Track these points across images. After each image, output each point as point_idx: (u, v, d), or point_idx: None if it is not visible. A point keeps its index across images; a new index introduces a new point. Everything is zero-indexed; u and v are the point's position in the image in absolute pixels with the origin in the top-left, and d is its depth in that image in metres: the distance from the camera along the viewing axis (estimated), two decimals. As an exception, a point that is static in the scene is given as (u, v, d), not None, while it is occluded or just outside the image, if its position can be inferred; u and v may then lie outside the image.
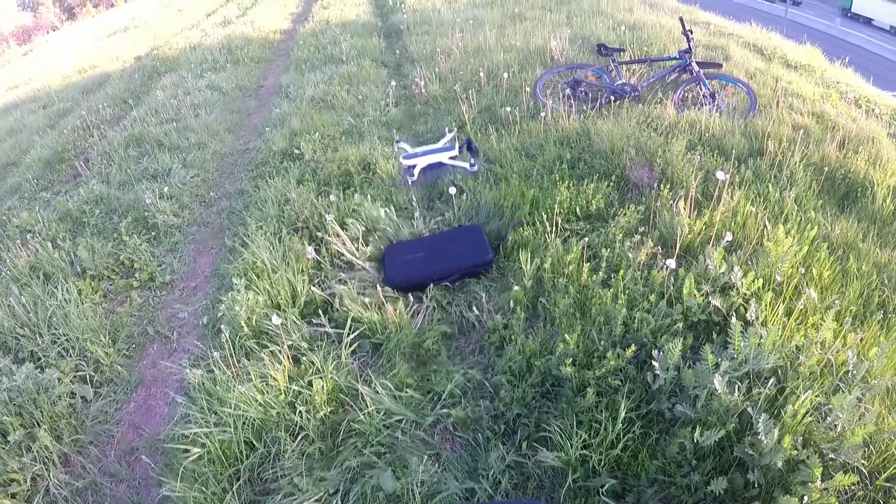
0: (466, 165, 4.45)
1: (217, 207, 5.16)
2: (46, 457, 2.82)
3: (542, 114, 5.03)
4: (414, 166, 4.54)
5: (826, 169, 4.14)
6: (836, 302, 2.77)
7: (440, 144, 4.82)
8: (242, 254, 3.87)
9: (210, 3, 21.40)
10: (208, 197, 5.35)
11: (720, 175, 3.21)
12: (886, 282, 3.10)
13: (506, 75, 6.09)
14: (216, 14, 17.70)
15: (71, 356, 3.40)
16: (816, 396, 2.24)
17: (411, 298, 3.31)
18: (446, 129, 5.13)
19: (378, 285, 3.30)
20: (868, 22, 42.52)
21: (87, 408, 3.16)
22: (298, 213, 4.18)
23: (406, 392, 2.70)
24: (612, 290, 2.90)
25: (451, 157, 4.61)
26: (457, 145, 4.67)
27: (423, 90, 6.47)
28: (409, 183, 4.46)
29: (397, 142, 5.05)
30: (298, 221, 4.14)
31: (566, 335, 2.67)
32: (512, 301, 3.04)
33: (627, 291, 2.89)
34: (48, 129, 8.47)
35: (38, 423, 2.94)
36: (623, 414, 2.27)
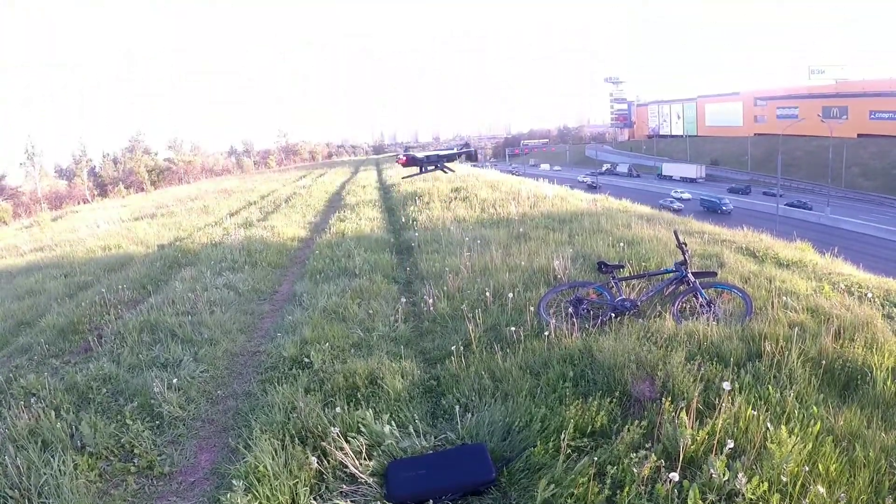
0: (468, 165, 4.78)
1: (224, 406, 5.28)
2: None
3: (546, 332, 5.17)
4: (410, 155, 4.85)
5: (824, 362, 4.28)
6: (843, 495, 2.84)
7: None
8: (245, 456, 3.94)
9: (234, 204, 23.65)
10: (216, 394, 5.50)
11: (726, 385, 3.50)
12: (896, 464, 3.16)
13: (511, 295, 6.37)
14: (239, 215, 19.42)
15: (57, 529, 3.40)
16: None
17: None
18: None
19: (380, 501, 3.46)
20: (669, 178, 73.51)
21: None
22: (304, 422, 4.37)
23: None
24: (616, 507, 2.98)
25: (449, 160, 4.97)
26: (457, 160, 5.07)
27: (432, 308, 6.75)
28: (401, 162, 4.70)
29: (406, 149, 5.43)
30: (304, 430, 4.30)
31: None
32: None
33: (633, 508, 2.97)
34: (66, 299, 8.93)
35: None
36: None
